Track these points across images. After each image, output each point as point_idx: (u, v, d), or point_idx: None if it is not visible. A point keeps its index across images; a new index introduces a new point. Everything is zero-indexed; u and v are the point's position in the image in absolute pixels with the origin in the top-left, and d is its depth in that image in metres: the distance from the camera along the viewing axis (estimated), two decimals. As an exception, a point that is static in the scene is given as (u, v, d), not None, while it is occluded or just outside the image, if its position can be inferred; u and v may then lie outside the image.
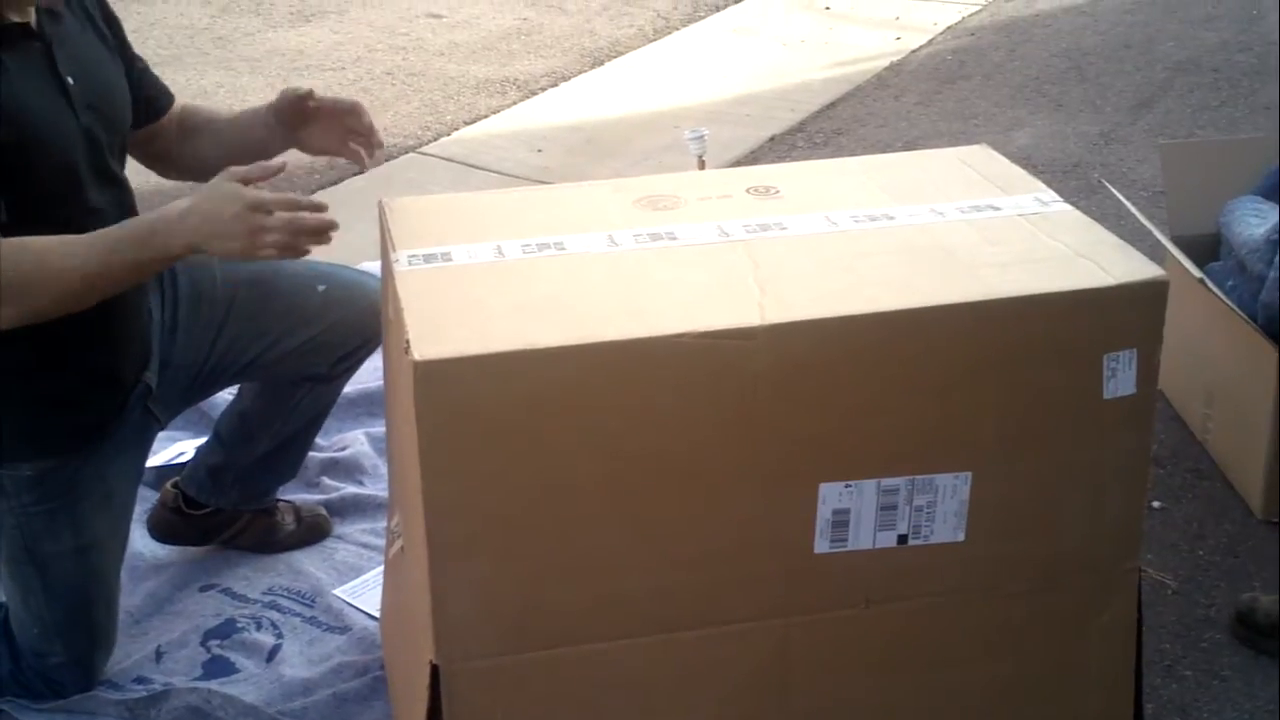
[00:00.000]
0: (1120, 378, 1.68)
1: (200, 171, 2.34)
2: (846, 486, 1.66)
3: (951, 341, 1.63)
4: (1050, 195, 1.89)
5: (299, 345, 2.21)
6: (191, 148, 2.21)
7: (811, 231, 1.79)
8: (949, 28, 5.96)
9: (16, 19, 1.85)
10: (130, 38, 2.14)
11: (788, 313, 1.59)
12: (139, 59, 2.15)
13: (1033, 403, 1.68)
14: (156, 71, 2.22)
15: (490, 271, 1.68)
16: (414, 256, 1.72)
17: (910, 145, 4.55)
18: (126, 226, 1.82)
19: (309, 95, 2.10)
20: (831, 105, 5.00)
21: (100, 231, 1.81)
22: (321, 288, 2.21)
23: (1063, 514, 1.75)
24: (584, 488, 1.59)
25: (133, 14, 1.79)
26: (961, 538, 1.71)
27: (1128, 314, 1.67)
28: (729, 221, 1.80)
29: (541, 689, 1.69)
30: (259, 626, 2.33)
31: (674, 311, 1.60)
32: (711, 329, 1.56)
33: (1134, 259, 1.71)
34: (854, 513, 1.67)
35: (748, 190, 1.91)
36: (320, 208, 1.79)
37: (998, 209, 1.85)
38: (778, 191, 1.90)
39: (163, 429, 2.22)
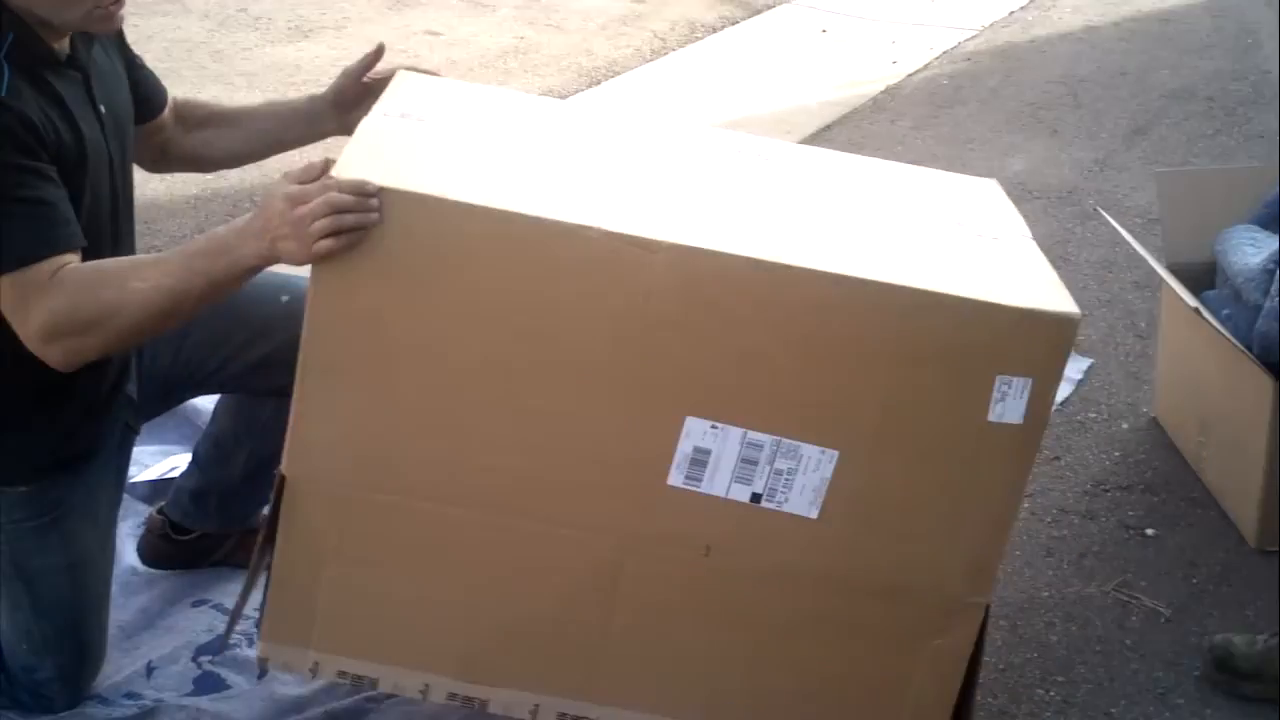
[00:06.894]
0: (1009, 403, 1.67)
1: (209, 162, 2.33)
2: (713, 427, 1.66)
3: (848, 315, 1.64)
4: (1020, 227, 1.90)
5: (261, 357, 2.14)
6: (201, 140, 2.22)
7: (788, 174, 1.88)
8: (945, 52, 5.98)
9: (57, 48, 1.85)
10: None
11: (696, 238, 1.61)
12: (137, 58, 2.15)
13: (915, 402, 1.68)
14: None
15: (451, 134, 1.72)
16: (388, 113, 1.78)
17: (906, 169, 4.57)
18: (196, 243, 1.76)
19: (369, 64, 2.11)
20: (827, 128, 5.01)
21: (167, 252, 1.78)
22: (285, 298, 2.13)
23: (920, 524, 1.74)
24: (461, 347, 1.63)
25: (129, 27, 1.79)
26: (815, 515, 1.71)
27: (1027, 341, 1.66)
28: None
29: (382, 532, 1.73)
30: (250, 642, 2.32)
31: (595, 204, 1.63)
32: (617, 231, 1.58)
33: (1053, 292, 1.70)
34: (714, 455, 1.68)
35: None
36: (361, 188, 1.60)
37: (958, 224, 1.87)
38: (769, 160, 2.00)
39: (137, 435, 2.21)
